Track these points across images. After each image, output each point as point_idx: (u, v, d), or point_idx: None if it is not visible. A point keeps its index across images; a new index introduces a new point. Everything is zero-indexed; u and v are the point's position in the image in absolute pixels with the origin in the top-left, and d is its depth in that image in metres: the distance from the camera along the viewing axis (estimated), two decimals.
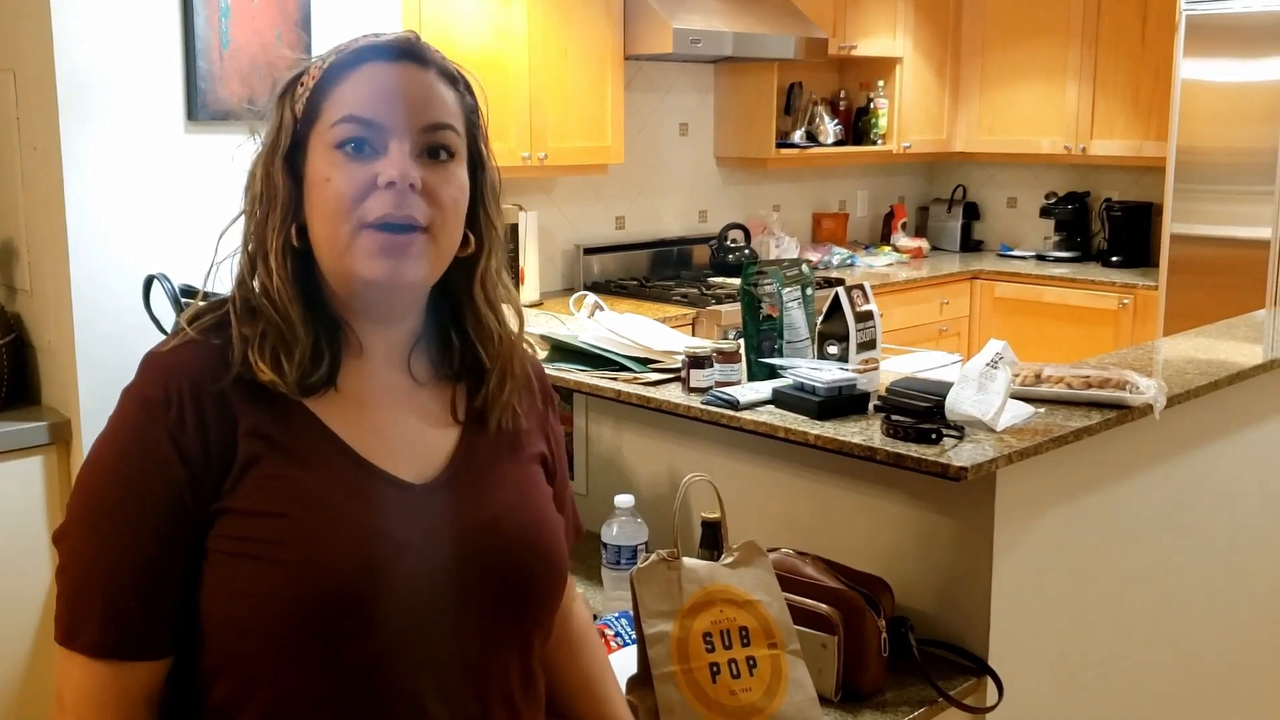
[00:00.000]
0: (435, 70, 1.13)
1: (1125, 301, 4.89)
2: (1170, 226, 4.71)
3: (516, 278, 4.11)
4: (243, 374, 1.08)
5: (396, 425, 1.14)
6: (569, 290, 4.53)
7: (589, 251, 4.64)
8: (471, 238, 1.16)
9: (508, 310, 1.21)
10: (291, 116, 1.11)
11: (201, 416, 1.06)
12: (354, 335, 1.14)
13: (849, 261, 5.31)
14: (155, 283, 2.39)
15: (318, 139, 1.10)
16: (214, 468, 1.05)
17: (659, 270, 4.84)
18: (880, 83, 5.39)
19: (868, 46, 5.20)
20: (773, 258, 4.96)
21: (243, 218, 1.13)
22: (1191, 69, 4.57)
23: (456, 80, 1.15)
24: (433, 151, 1.10)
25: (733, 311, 4.10)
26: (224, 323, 1.11)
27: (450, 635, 1.10)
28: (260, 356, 1.08)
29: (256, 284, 1.10)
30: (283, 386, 1.08)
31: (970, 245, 5.92)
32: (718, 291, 4.37)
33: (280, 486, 1.06)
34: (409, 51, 1.12)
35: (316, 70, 1.11)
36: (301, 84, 1.12)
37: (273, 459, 1.07)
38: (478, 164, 1.17)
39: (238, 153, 1.17)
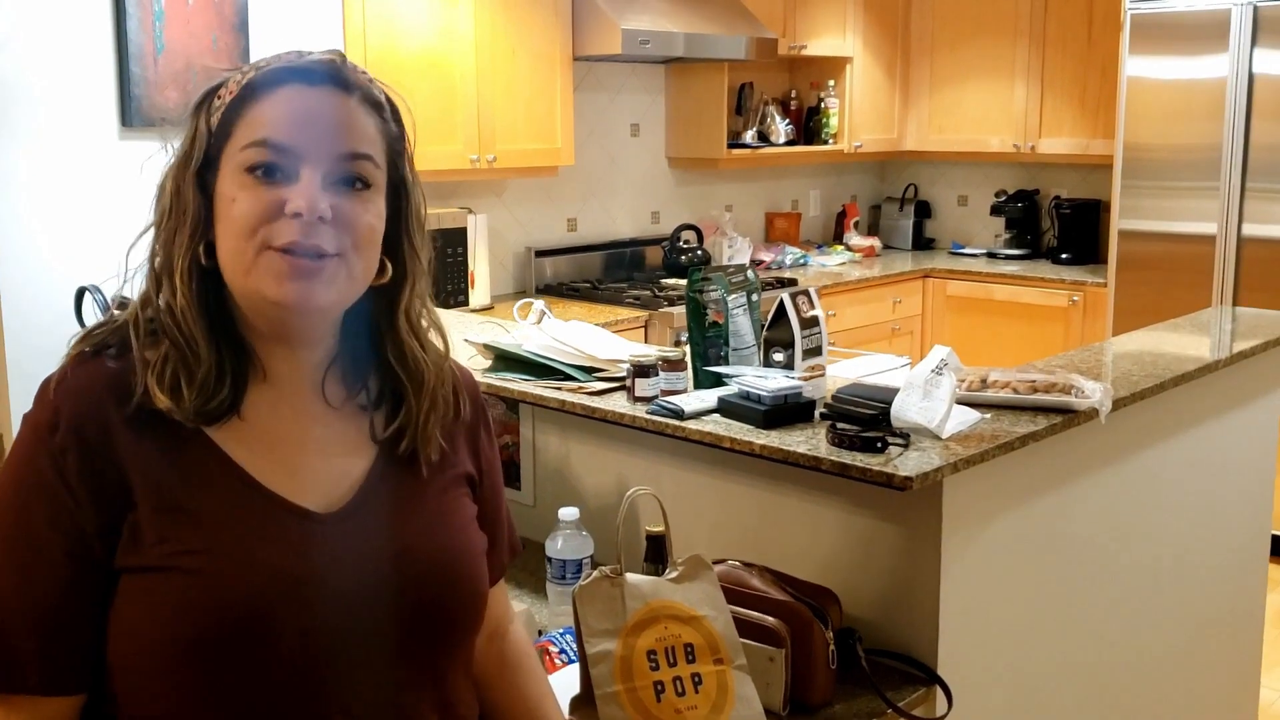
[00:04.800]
0: (359, 96, 1.09)
1: (1075, 299, 4.93)
2: (1118, 223, 4.75)
3: (467, 281, 4.07)
4: (140, 400, 1.04)
5: (305, 452, 1.10)
6: (520, 293, 4.50)
7: (540, 254, 4.60)
8: (390, 265, 1.13)
9: (434, 337, 1.18)
10: (206, 129, 1.07)
11: (87, 443, 1.02)
12: (260, 361, 1.10)
13: (802, 261, 5.31)
14: (87, 294, 2.32)
15: (229, 158, 1.06)
16: (104, 495, 1.02)
17: (611, 272, 4.81)
18: (831, 82, 5.40)
19: (818, 46, 5.19)
20: (725, 258, 4.95)
21: (150, 231, 1.09)
22: (1137, 67, 4.61)
23: (381, 106, 1.12)
24: (348, 181, 1.07)
25: (685, 313, 4.08)
26: (123, 343, 1.07)
27: (356, 671, 1.06)
28: (159, 382, 1.04)
29: (162, 302, 1.07)
30: (178, 414, 1.04)
31: (922, 243, 5.94)
32: (670, 293, 4.35)
33: (171, 518, 1.02)
34: (332, 75, 1.08)
35: (235, 85, 1.07)
36: (219, 96, 1.08)
37: (164, 488, 1.03)
38: (400, 192, 1.13)
39: (147, 164, 1.13)
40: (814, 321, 2.04)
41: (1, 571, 1.02)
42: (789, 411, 1.89)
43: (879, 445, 1.73)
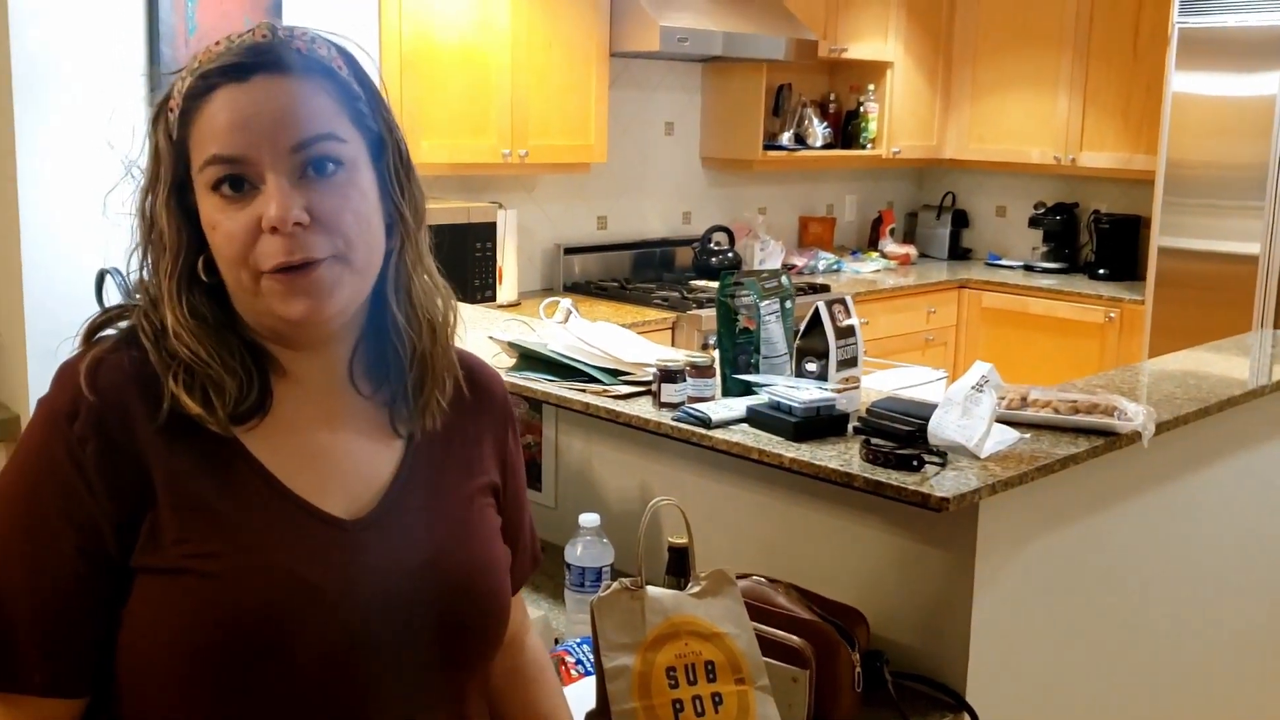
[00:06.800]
0: (298, 70, 1.00)
1: (1112, 315, 4.83)
2: (1158, 240, 4.66)
3: (495, 276, 4.03)
4: (170, 405, 0.98)
5: (332, 453, 1.05)
6: (548, 290, 4.45)
7: (569, 251, 4.55)
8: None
9: (435, 305, 1.10)
10: (168, 147, 1.00)
11: (108, 434, 0.97)
12: (279, 363, 1.05)
13: (835, 267, 5.24)
14: (108, 277, 2.29)
15: (197, 180, 1.00)
16: (123, 489, 0.96)
17: (640, 272, 4.76)
18: (871, 86, 5.32)
19: (859, 50, 5.12)
20: (757, 261, 4.88)
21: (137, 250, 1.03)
22: (1183, 82, 4.51)
23: (331, 70, 1.02)
24: (318, 166, 0.99)
25: (714, 316, 4.02)
26: (133, 337, 1.02)
27: (374, 687, 1.01)
28: (188, 391, 0.98)
29: (160, 324, 1.01)
30: (213, 424, 0.99)
31: (958, 253, 5.86)
32: (699, 295, 4.29)
33: (193, 519, 0.97)
34: (260, 62, 0.99)
35: (178, 96, 1.00)
36: (170, 109, 1.01)
37: (188, 487, 0.98)
38: (382, 148, 1.05)
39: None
40: (850, 331, 1.98)
41: (9, 564, 0.97)
42: (821, 424, 1.83)
43: (915, 463, 1.67)
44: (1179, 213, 4.60)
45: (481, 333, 2.42)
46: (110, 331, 1.04)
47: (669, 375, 1.98)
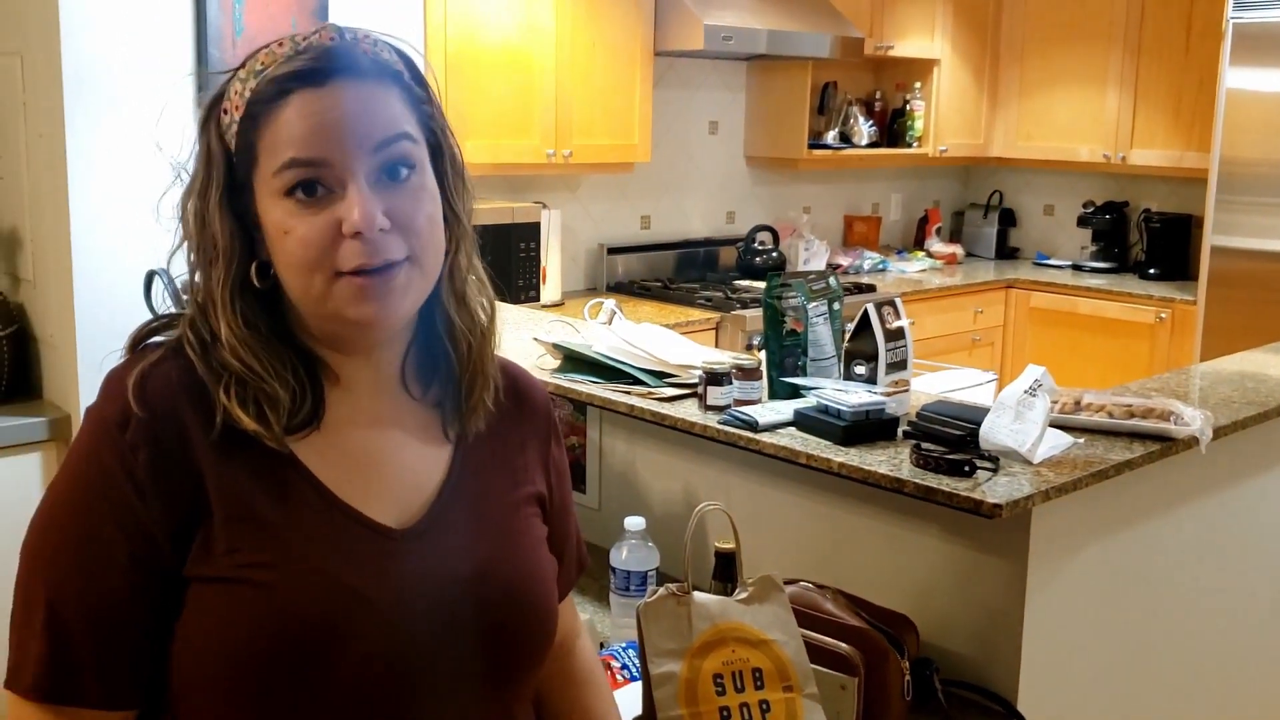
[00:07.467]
0: (371, 74, 1.00)
1: (1162, 316, 4.75)
2: (1210, 239, 4.57)
3: (539, 276, 4.02)
4: (224, 418, 0.98)
5: (382, 460, 1.05)
6: (592, 290, 4.44)
7: (613, 251, 4.54)
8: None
9: (482, 306, 1.10)
10: (221, 151, 0.99)
11: (160, 443, 0.96)
12: (332, 368, 1.05)
13: (881, 266, 5.19)
14: (156, 279, 2.30)
15: (263, 185, 0.98)
16: (176, 499, 0.96)
17: (684, 271, 4.74)
18: (917, 84, 5.27)
19: (905, 47, 5.07)
20: (801, 261, 4.85)
21: (182, 251, 1.02)
22: (1237, 78, 4.43)
23: (398, 73, 1.03)
24: (393, 171, 0.99)
25: (758, 317, 3.99)
26: (180, 347, 1.01)
27: (420, 697, 1.00)
28: (241, 406, 0.97)
29: (209, 335, 1.00)
30: (269, 439, 0.98)
31: (1006, 252, 5.79)
32: (743, 295, 4.27)
33: (244, 528, 0.97)
34: (336, 67, 0.99)
35: (239, 98, 0.99)
36: (225, 111, 1.00)
37: (240, 497, 0.97)
38: (439, 151, 1.06)
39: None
40: (899, 334, 1.95)
41: (62, 573, 0.96)
42: (870, 428, 1.80)
43: (967, 469, 1.64)
44: (1232, 211, 4.51)
45: (526, 334, 2.42)
46: (158, 339, 1.04)
47: (715, 378, 1.96)
